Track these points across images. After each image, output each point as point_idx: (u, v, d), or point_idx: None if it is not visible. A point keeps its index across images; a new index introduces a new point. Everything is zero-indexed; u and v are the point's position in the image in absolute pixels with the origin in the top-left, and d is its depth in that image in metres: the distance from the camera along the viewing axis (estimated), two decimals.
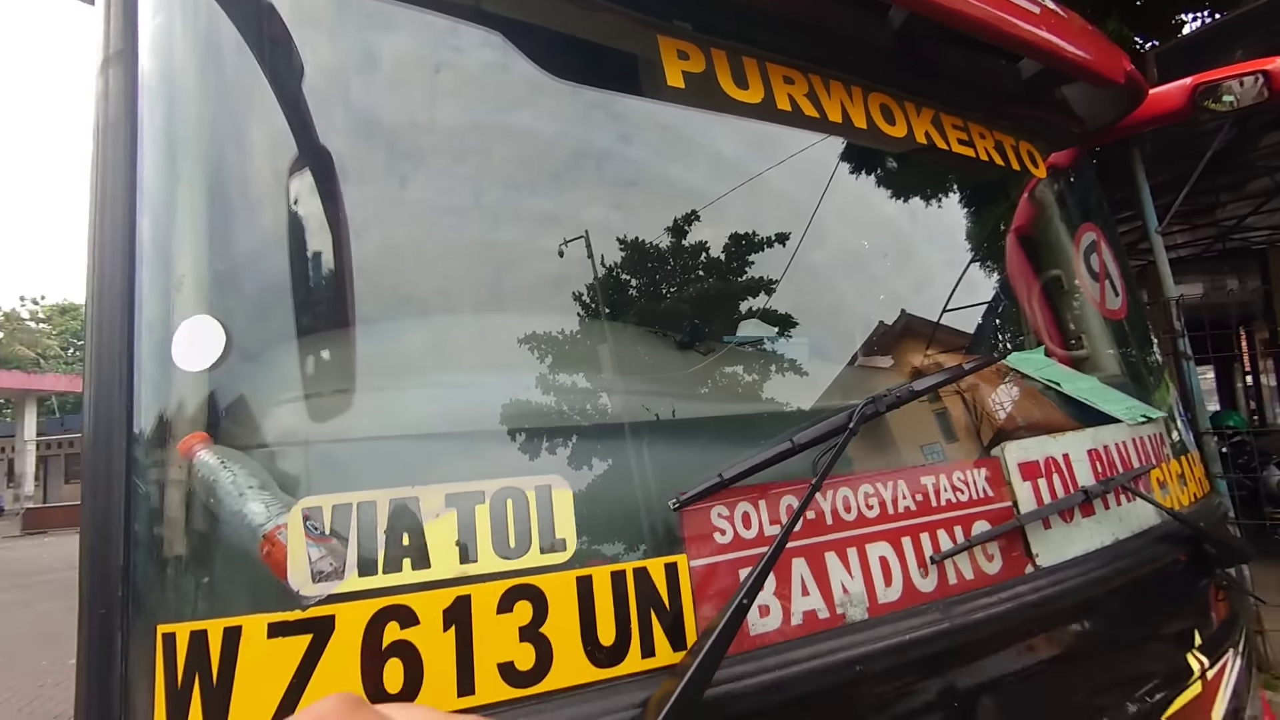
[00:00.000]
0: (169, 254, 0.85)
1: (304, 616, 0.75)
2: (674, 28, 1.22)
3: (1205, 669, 1.42)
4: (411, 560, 0.79)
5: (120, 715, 0.75)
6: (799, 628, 0.96)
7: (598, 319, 1.07)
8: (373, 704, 0.33)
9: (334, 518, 0.78)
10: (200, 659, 0.73)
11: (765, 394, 1.18)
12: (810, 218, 1.36)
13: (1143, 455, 1.58)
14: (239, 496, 0.79)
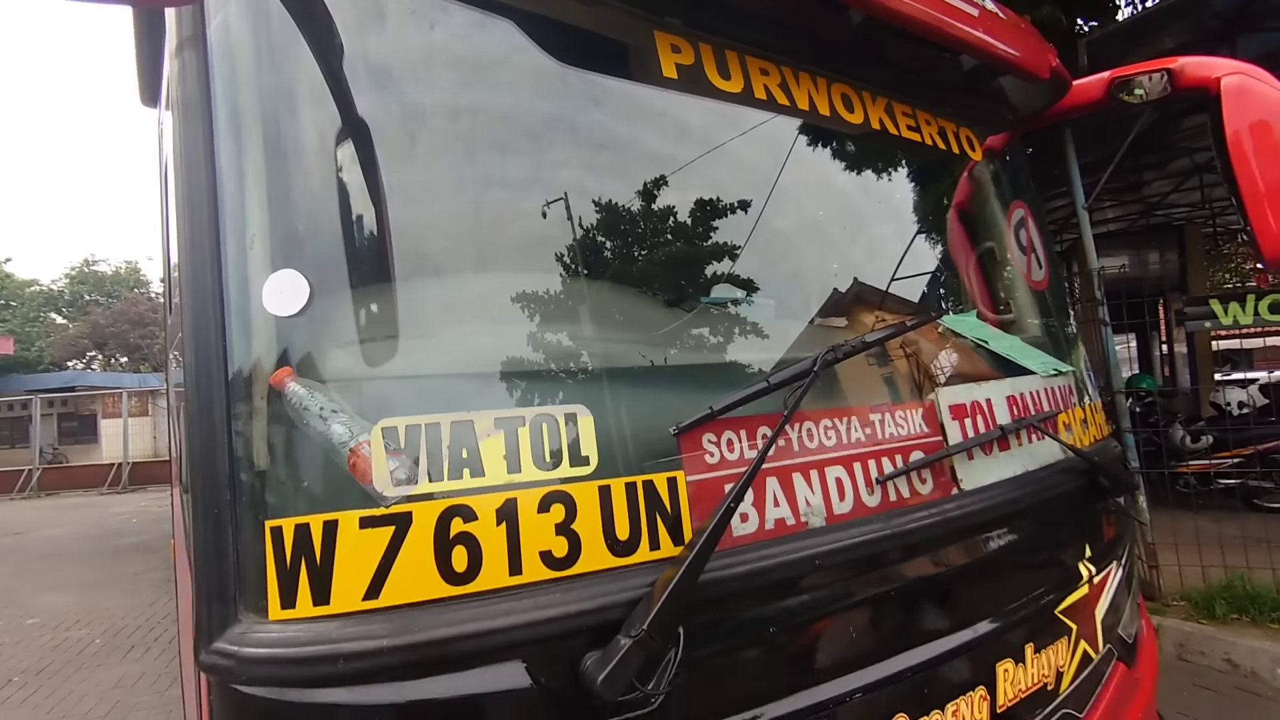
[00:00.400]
0: (258, 217, 0.99)
1: (387, 513, 0.93)
2: (667, 23, 1.39)
3: (1092, 575, 1.72)
4: (470, 470, 0.98)
5: (235, 593, 0.92)
6: (771, 531, 1.19)
7: (608, 281, 1.26)
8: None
9: (407, 436, 0.96)
10: (305, 546, 0.91)
11: (745, 345, 1.39)
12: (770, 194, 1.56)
13: (1052, 402, 1.86)
14: (324, 419, 0.96)
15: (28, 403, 21.24)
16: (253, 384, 0.97)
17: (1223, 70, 2.09)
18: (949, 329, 1.77)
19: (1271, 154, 1.97)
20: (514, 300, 1.15)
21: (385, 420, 0.96)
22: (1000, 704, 1.40)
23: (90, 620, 5.78)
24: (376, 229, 1.06)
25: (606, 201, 1.27)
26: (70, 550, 9.20)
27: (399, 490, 0.94)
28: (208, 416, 0.96)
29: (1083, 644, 1.64)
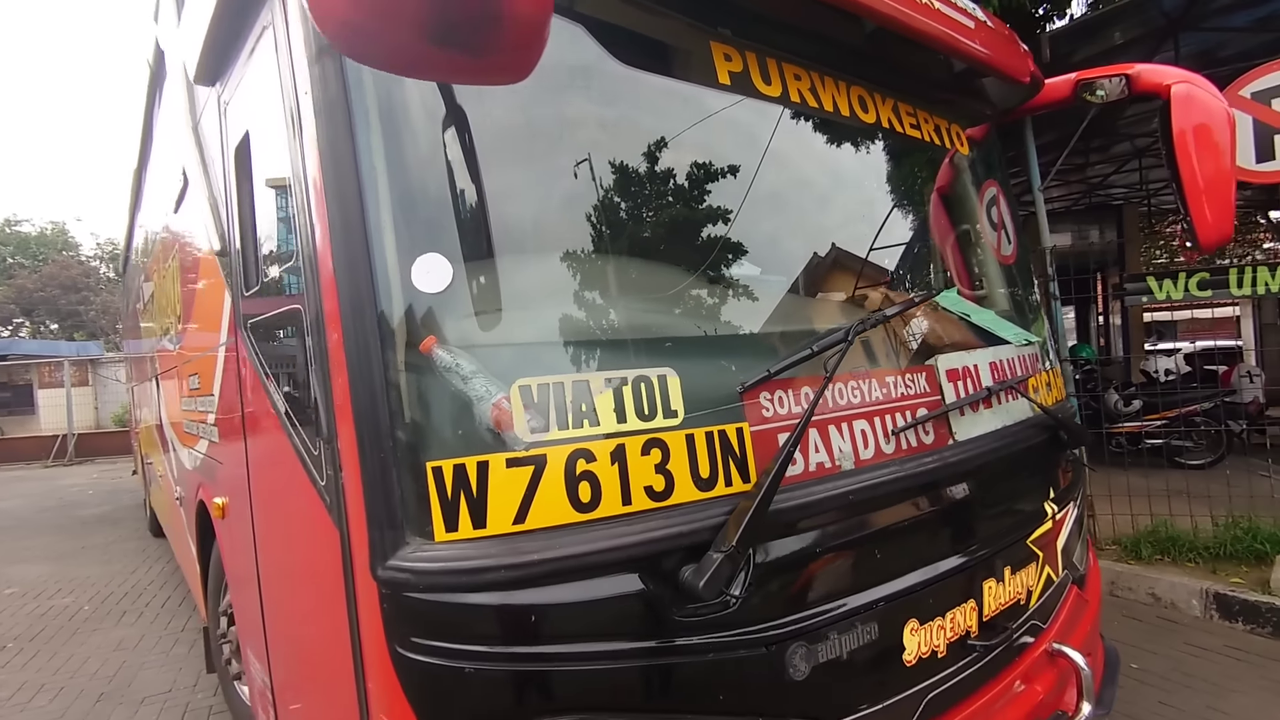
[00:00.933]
0: (405, 210, 1.17)
1: (526, 455, 1.14)
2: (719, 34, 1.58)
3: (1055, 513, 2.04)
4: (588, 420, 1.19)
5: (402, 521, 1.12)
6: (814, 471, 1.44)
7: (682, 266, 1.48)
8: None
9: (538, 393, 1.16)
10: (463, 483, 1.11)
11: (789, 318, 1.63)
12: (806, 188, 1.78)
13: (1024, 368, 2.16)
14: (467, 379, 1.15)
15: None
16: (406, 351, 1.16)
17: (1173, 78, 2.39)
18: (944, 305, 2.04)
19: (1210, 153, 2.28)
20: (613, 283, 1.35)
21: (521, 380, 1.16)
22: (986, 614, 1.70)
23: (73, 589, 5.76)
24: (503, 222, 1.24)
25: (683, 200, 1.48)
26: (32, 522, 8.98)
27: (534, 437, 1.15)
28: (368, 379, 1.15)
29: (1047, 569, 1.97)
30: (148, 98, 4.38)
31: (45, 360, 21.17)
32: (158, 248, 4.18)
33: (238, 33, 1.64)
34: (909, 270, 2.07)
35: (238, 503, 2.31)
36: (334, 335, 1.20)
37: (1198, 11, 4.32)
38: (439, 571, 1.08)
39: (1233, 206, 2.35)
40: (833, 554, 1.46)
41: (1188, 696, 3.05)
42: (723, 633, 1.24)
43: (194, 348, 2.89)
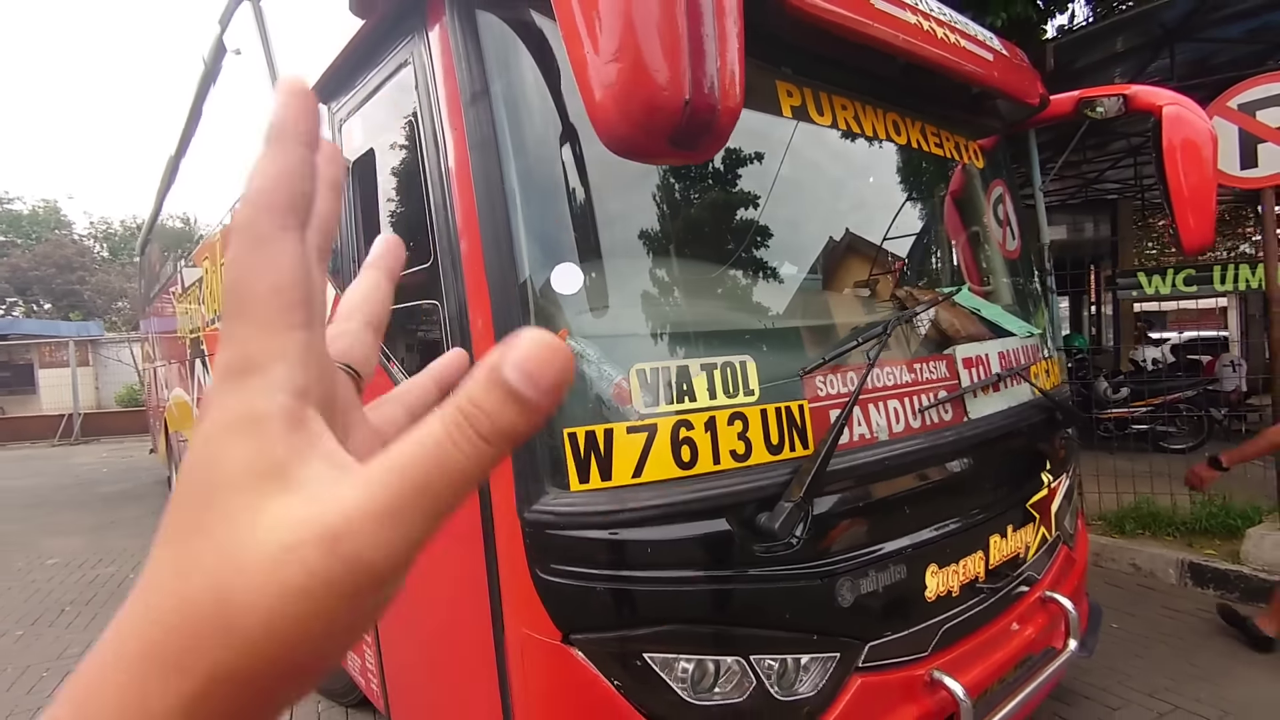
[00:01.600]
0: (548, 228, 1.46)
1: (641, 423, 1.44)
2: (782, 72, 1.86)
3: (1050, 482, 2.36)
4: (688, 397, 1.49)
5: (543, 475, 1.42)
6: (858, 441, 1.74)
7: (755, 271, 1.77)
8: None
9: (650, 374, 1.46)
10: (592, 444, 1.41)
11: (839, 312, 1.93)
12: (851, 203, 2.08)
13: (1027, 357, 2.47)
14: (594, 363, 1.45)
15: None
16: None
17: (1165, 100, 2.69)
18: (959, 301, 2.34)
19: (1194, 167, 2.58)
20: (703, 288, 1.64)
21: (636, 365, 1.45)
22: (991, 563, 2.02)
23: (112, 559, 6.05)
24: (617, 238, 1.53)
25: (754, 216, 1.77)
26: (55, 499, 9.24)
27: (647, 410, 1.45)
28: None
29: (1042, 529, 2.29)
30: (197, 91, 4.60)
31: (47, 340, 21.25)
32: (214, 236, 4.42)
33: (367, 63, 1.91)
34: (934, 269, 2.37)
35: None
36: (479, 324, 1.49)
37: (1194, 23, 4.59)
38: (575, 513, 1.38)
39: (1213, 215, 2.66)
40: (872, 508, 1.77)
41: (1162, 651, 3.41)
42: (787, 566, 1.55)
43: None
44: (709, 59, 0.84)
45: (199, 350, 5.24)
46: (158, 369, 8.55)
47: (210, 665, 0.21)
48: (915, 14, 1.94)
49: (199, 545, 0.22)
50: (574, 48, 0.87)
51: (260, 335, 0.23)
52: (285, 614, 0.21)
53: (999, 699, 1.94)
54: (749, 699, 1.50)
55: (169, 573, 0.23)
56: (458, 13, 1.55)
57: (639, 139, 0.87)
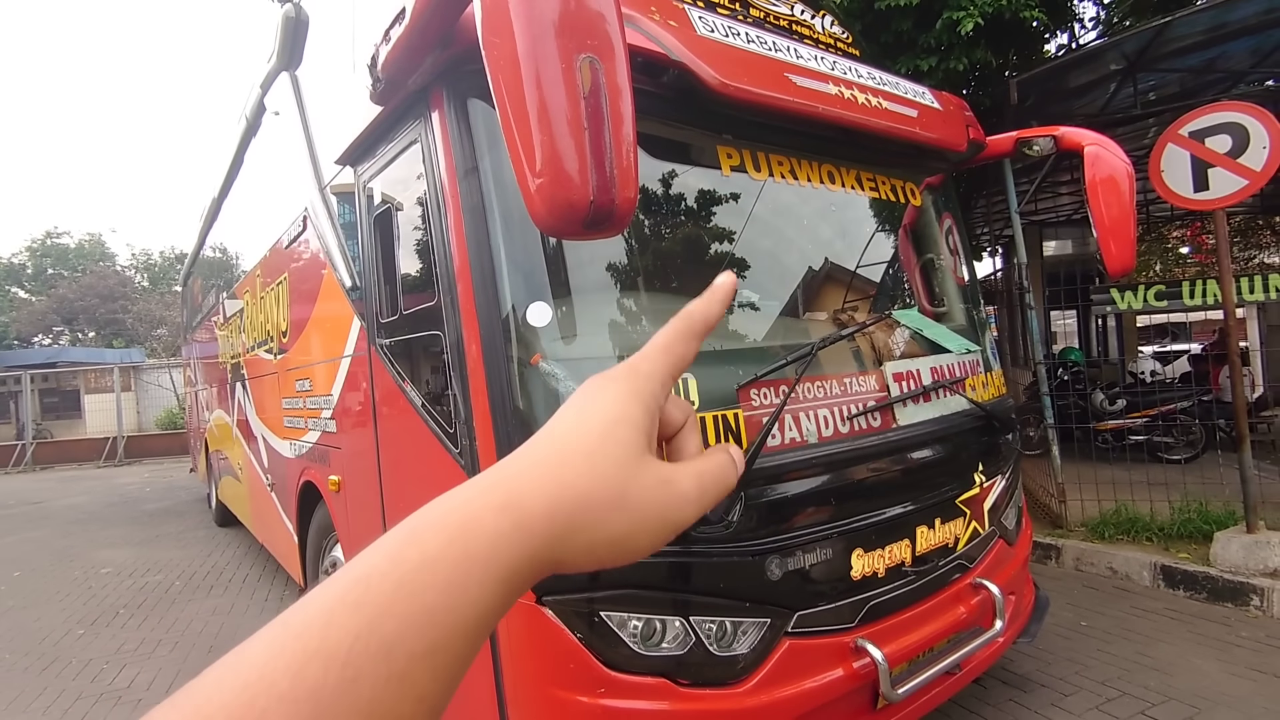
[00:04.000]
0: (525, 273, 1.85)
1: None
2: (723, 139, 2.25)
3: (983, 482, 2.67)
4: None
5: None
6: (788, 444, 2.09)
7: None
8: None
9: None
10: None
11: (775, 335, 2.29)
12: (784, 238, 2.44)
13: (963, 371, 2.79)
14: (561, 381, 1.83)
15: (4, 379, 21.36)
16: (523, 363, 1.83)
17: (1088, 140, 3.03)
18: (896, 320, 2.68)
19: (1113, 201, 2.91)
20: (649, 313, 2.02)
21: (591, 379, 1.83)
22: (918, 551, 2.34)
23: (160, 569, 6.53)
24: (580, 280, 1.92)
25: (698, 250, 2.15)
26: (103, 515, 9.84)
27: None
28: (497, 380, 1.82)
29: (974, 524, 2.59)
30: (240, 143, 5.13)
31: (92, 367, 22.31)
32: (254, 272, 4.91)
33: (385, 138, 2.34)
34: (872, 294, 2.72)
35: (354, 477, 3.01)
36: (473, 349, 1.88)
37: (1150, 56, 4.88)
38: None
39: (1133, 243, 2.97)
40: (801, 499, 2.10)
41: (1123, 645, 3.64)
42: (723, 545, 1.90)
43: (307, 357, 3.60)
44: (607, 165, 1.22)
45: (239, 374, 5.74)
46: (198, 393, 9.13)
47: (594, 514, 0.35)
48: (837, 84, 2.31)
49: (610, 445, 0.37)
50: (516, 165, 1.26)
51: (651, 358, 0.43)
52: (649, 512, 0.37)
53: (923, 667, 2.25)
54: (689, 653, 1.84)
55: (570, 448, 0.36)
56: (454, 104, 1.96)
57: (561, 227, 1.25)
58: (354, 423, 2.93)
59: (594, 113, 1.21)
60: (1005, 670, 3.36)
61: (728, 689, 1.88)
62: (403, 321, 2.33)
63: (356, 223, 2.67)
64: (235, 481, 6.58)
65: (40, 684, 4.03)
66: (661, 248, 2.14)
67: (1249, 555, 4.11)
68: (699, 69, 1.97)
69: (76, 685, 3.98)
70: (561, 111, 1.19)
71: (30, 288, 35.45)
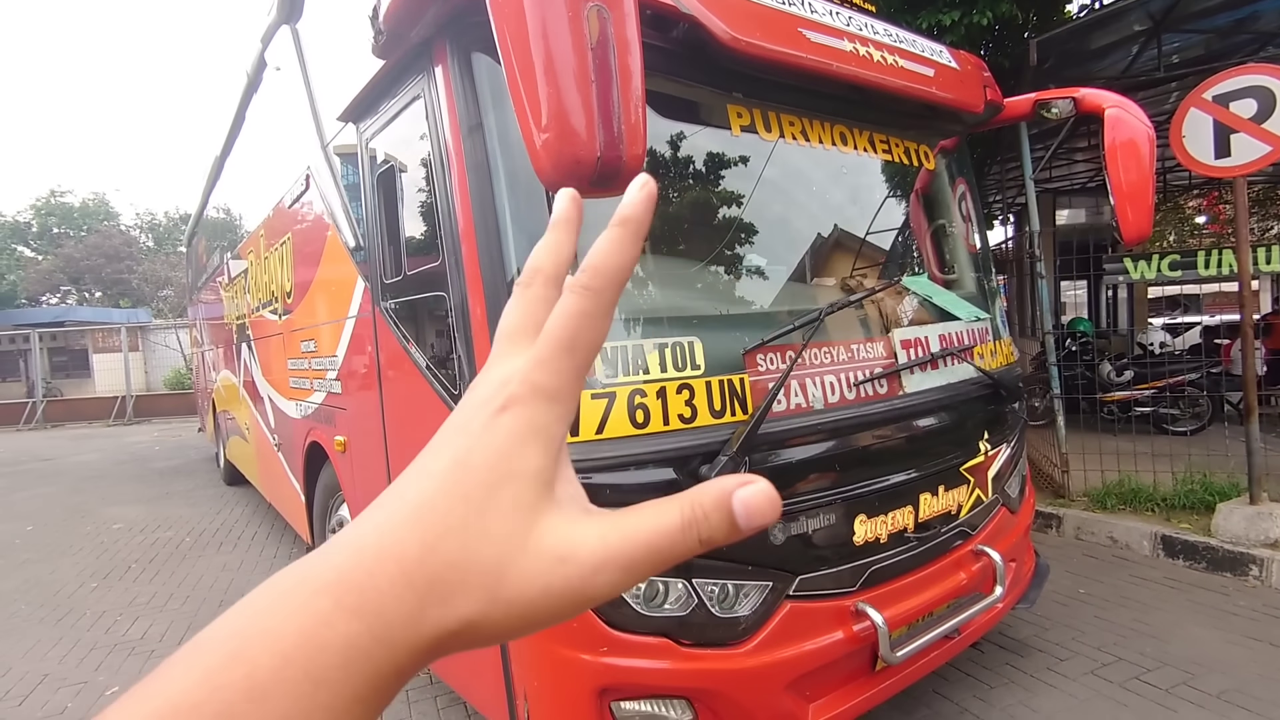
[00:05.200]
0: (531, 233, 1.82)
1: (603, 391, 1.80)
2: (733, 97, 2.18)
3: (987, 450, 2.67)
4: (642, 370, 1.84)
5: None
6: (793, 409, 2.08)
7: (704, 264, 2.11)
8: None
9: (610, 353, 1.82)
10: None
11: (783, 299, 2.26)
12: (795, 201, 2.39)
13: (971, 338, 2.76)
14: None
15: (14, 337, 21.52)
16: None
17: (1109, 102, 2.94)
18: (905, 287, 2.65)
19: (1132, 165, 2.83)
20: (658, 278, 1.99)
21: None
22: (920, 517, 2.34)
23: (170, 525, 6.64)
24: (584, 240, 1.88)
25: (707, 214, 2.11)
26: (114, 473, 9.99)
27: (608, 380, 1.81)
28: None
29: (977, 491, 2.60)
30: (241, 100, 5.04)
31: (100, 326, 22.41)
32: (257, 232, 4.88)
33: (388, 93, 2.28)
34: (882, 260, 2.68)
35: (360, 438, 3.02)
36: (478, 310, 1.86)
37: (1179, 14, 4.71)
38: None
39: (1151, 210, 2.90)
40: (805, 464, 2.10)
41: (1120, 613, 3.68)
42: None
43: (312, 319, 3.59)
44: (615, 121, 1.18)
45: (245, 335, 5.74)
46: (205, 353, 9.17)
47: (465, 611, 0.26)
48: (852, 41, 2.24)
49: (492, 514, 0.27)
50: (521, 119, 1.22)
51: (553, 368, 0.29)
52: (537, 604, 0.27)
53: (922, 630, 2.27)
54: (692, 614, 1.86)
55: (438, 523, 0.27)
56: (458, 57, 1.91)
57: (567, 184, 1.21)
58: (359, 384, 2.93)
59: (602, 66, 1.17)
60: (1003, 635, 3.41)
61: (729, 649, 1.91)
62: (407, 283, 2.31)
63: (359, 181, 2.63)
64: (243, 441, 6.65)
65: (56, 634, 4.13)
66: (668, 210, 2.10)
67: (1251, 526, 4.12)
68: (710, 22, 1.90)
69: (91, 636, 4.08)
70: (568, 64, 1.15)
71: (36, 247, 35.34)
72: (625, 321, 1.91)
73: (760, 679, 1.93)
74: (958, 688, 2.99)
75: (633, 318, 1.93)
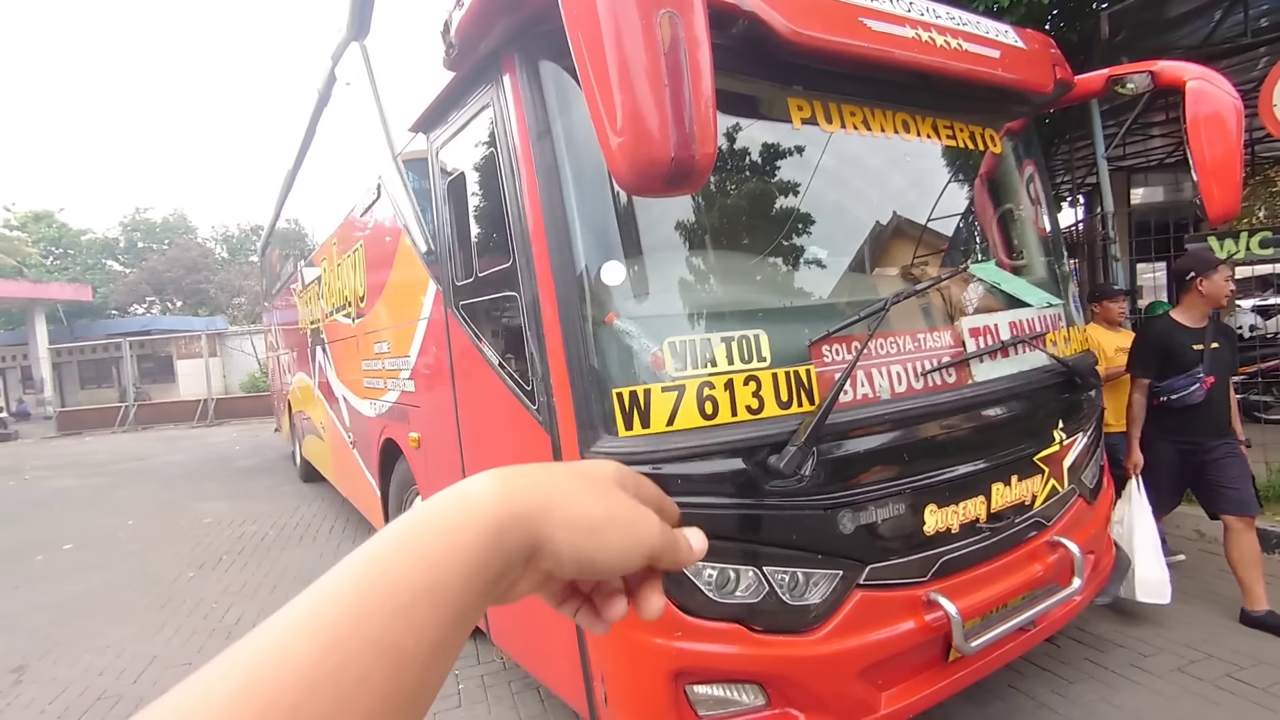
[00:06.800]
0: (598, 233, 1.88)
1: (673, 384, 1.85)
2: (793, 90, 2.20)
3: (1063, 439, 2.60)
4: (710, 363, 1.88)
5: (599, 424, 1.86)
6: (860, 400, 2.08)
7: (769, 258, 2.14)
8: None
9: (680, 347, 1.86)
10: (635, 400, 1.83)
11: (847, 290, 2.26)
12: (855, 193, 2.38)
13: (1044, 325, 2.69)
14: (635, 338, 1.87)
15: (107, 346, 23.11)
16: (599, 322, 1.88)
17: (1190, 75, 2.81)
18: (973, 274, 2.60)
19: (1218, 140, 2.70)
20: (724, 275, 2.03)
21: (668, 338, 1.86)
22: (994, 507, 2.31)
23: (255, 520, 7.05)
24: (655, 240, 1.94)
25: (770, 212, 2.14)
26: (201, 472, 10.64)
27: (677, 374, 1.85)
28: (573, 339, 1.88)
29: (1052, 481, 2.53)
30: (312, 116, 5.29)
31: (183, 334, 23.86)
32: (330, 240, 5.12)
33: (457, 103, 2.39)
34: (948, 248, 2.64)
35: (434, 434, 3.16)
36: (549, 311, 1.94)
37: None
38: (623, 453, 1.81)
39: (1239, 186, 2.76)
40: (872, 454, 2.10)
41: (1210, 609, 3.53)
42: (795, 498, 1.92)
43: (385, 321, 3.76)
44: (686, 121, 1.23)
45: (319, 339, 6.04)
46: (280, 357, 9.65)
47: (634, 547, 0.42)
48: (914, 27, 2.22)
49: (642, 523, 0.43)
50: (597, 124, 1.28)
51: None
52: (642, 549, 0.43)
53: (996, 622, 2.24)
54: (763, 601, 1.90)
55: (626, 524, 0.42)
56: (526, 67, 1.99)
57: (642, 185, 1.27)
58: (432, 383, 3.06)
59: (673, 69, 1.22)
60: (1081, 630, 3.31)
61: (800, 636, 1.93)
62: (478, 284, 2.41)
63: (430, 188, 2.75)
64: (318, 440, 6.98)
65: (160, 619, 4.46)
66: (729, 204, 2.13)
67: None
68: (770, 18, 1.92)
69: (191, 621, 4.39)
70: (642, 68, 1.20)
71: (123, 261, 37.79)
72: (692, 316, 1.96)
73: (832, 666, 1.94)
74: (1034, 682, 2.92)
75: (699, 312, 1.98)
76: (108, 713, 3.31)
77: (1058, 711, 2.72)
